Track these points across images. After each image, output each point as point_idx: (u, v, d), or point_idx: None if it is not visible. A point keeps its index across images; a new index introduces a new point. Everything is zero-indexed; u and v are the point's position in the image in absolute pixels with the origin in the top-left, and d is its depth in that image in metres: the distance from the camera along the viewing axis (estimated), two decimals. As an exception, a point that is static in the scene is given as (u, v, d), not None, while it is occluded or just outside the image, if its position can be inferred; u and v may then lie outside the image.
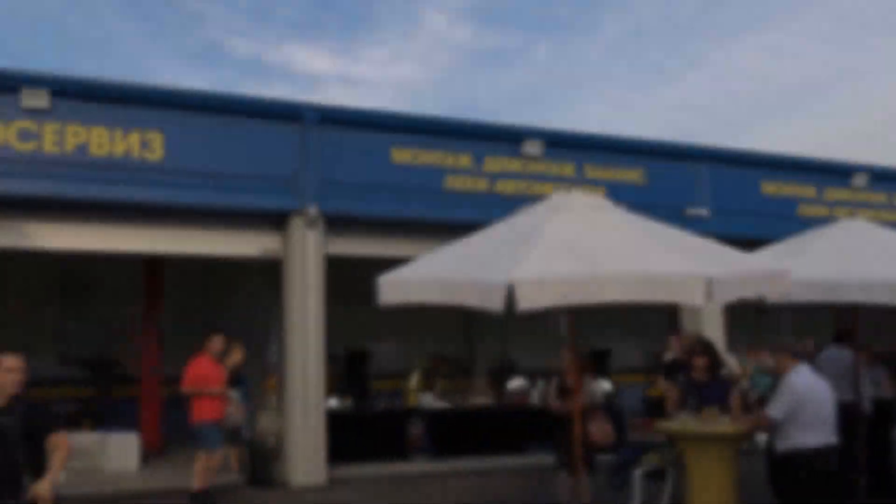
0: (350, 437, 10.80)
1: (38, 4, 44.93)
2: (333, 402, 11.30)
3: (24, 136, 9.31)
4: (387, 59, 52.66)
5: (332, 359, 11.43)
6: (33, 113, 9.34)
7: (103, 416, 12.70)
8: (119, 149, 9.67)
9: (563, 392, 7.59)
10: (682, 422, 6.42)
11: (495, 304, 4.84)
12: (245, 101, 10.62)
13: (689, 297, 4.93)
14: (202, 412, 8.79)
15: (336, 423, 10.49)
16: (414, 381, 12.47)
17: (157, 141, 9.80)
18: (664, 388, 8.41)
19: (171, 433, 12.38)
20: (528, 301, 4.81)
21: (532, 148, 11.68)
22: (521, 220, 6.13)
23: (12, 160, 9.24)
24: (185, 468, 10.51)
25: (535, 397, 12.51)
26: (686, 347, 8.09)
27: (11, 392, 4.27)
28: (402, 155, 11.05)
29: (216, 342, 9.19)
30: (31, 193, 9.37)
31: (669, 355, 10.88)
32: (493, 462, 11.08)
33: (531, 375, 13.85)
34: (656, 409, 12.74)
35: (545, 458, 10.26)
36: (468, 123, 11.79)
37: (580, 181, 11.66)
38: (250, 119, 10.37)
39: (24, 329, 13.99)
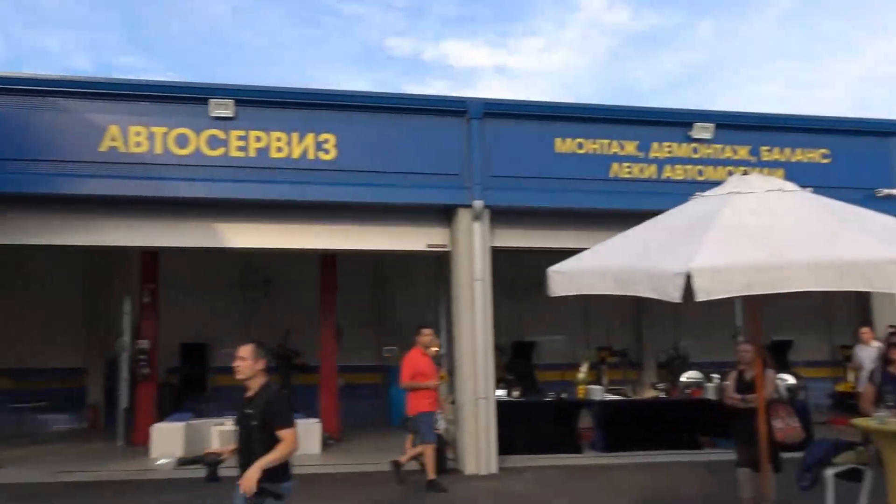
0: (520, 428, 10.83)
1: (213, 20, 48.22)
2: (500, 393, 11.38)
3: (213, 143, 10.05)
4: (542, 47, 52.33)
5: (498, 350, 11.53)
6: (220, 121, 10.08)
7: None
8: (296, 151, 10.22)
9: (743, 386, 7.28)
10: (880, 419, 5.95)
11: (672, 294, 4.67)
12: (411, 99, 10.94)
13: (890, 284, 4.54)
14: (420, 404, 9.07)
15: (506, 414, 10.56)
16: (583, 372, 12.32)
17: (330, 142, 10.27)
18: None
19: (345, 420, 12.99)
20: (707, 291, 4.61)
21: (703, 132, 11.23)
22: (695, 207, 5.89)
23: (203, 165, 10.03)
24: (363, 454, 11.02)
25: (710, 391, 12.05)
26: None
27: (240, 378, 4.57)
28: (566, 145, 10.95)
29: (426, 335, 9.41)
30: (219, 196, 10.11)
31: (867, 349, 10.17)
32: (667, 457, 10.78)
33: (704, 368, 13.39)
34: (846, 405, 11.94)
35: (722, 454, 9.89)
36: (633, 109, 11.52)
37: (756, 164, 11.10)
38: (416, 116, 10.65)
39: (213, 322, 15.18)
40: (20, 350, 14.08)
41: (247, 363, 4.55)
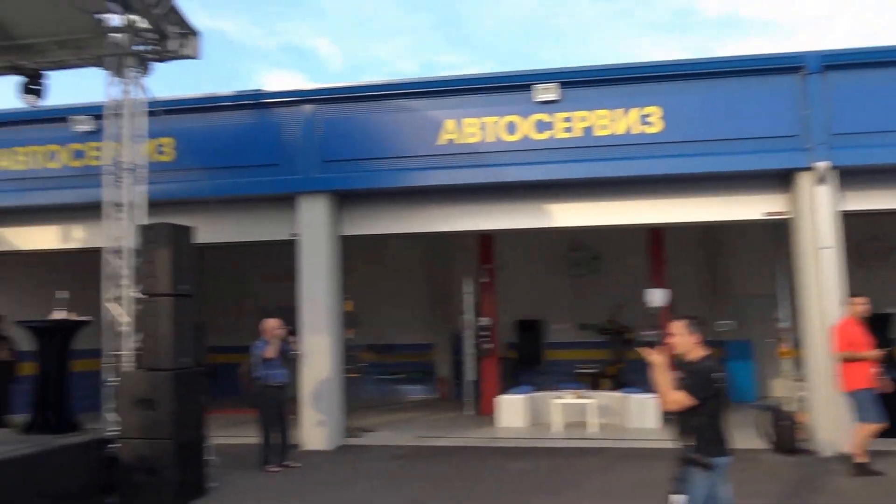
0: (886, 409, 9.81)
1: (521, 8, 49.53)
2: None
3: (540, 127, 10.45)
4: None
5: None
6: (545, 105, 10.44)
7: (620, 378, 13.67)
8: (620, 127, 10.24)
9: None
10: None
11: None
12: (738, 61, 10.33)
13: None
14: (857, 380, 8.32)
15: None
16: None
17: (655, 115, 10.14)
18: None
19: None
20: None
21: None
22: None
23: (531, 150, 10.47)
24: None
25: None
26: None
27: (677, 353, 4.76)
28: (928, 90, 9.65)
29: (860, 304, 8.55)
30: (548, 177, 10.49)
31: None
32: None
33: None
34: None
35: None
36: None
37: None
38: (745, 78, 10.11)
39: (545, 298, 15.79)
40: (381, 327, 15.84)
41: (680, 338, 4.70)
